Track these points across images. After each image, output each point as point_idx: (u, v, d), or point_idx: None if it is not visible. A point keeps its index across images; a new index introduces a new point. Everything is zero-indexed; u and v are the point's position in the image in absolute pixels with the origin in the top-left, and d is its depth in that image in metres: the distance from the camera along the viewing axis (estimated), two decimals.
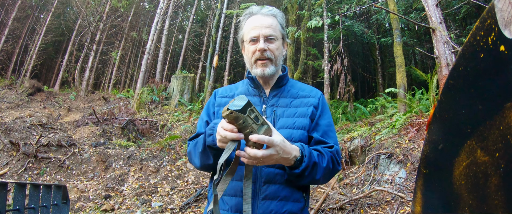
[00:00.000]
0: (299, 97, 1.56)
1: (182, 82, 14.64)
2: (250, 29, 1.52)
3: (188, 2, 26.81)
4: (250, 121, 1.10)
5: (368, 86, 23.29)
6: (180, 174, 7.20)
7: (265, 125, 1.14)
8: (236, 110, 1.07)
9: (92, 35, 21.01)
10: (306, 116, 1.49)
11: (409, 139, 5.78)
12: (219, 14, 16.03)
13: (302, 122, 1.47)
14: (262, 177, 1.39)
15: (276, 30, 1.52)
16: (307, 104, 1.53)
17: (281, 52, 1.56)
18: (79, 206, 6.03)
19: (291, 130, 1.44)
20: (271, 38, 1.50)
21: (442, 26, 6.03)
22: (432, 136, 1.08)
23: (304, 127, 1.46)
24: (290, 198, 1.38)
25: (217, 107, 1.60)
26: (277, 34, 1.52)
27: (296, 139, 1.42)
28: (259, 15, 1.53)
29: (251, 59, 1.53)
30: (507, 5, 0.75)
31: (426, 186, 1.09)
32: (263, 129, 1.13)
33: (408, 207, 4.14)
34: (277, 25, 1.53)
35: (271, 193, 1.36)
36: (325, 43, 11.40)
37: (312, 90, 1.62)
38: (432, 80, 7.08)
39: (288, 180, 1.37)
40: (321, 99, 1.59)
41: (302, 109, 1.51)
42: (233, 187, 1.40)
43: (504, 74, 0.73)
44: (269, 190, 1.37)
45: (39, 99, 16.27)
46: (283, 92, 1.58)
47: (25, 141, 7.76)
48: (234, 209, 1.38)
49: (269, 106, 1.53)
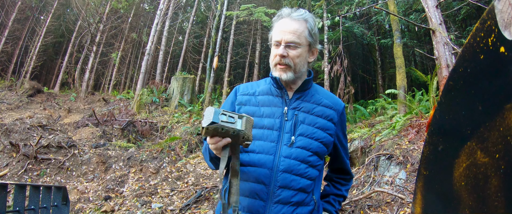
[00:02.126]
0: (322, 105, 1.54)
1: (182, 84, 14.65)
2: (276, 32, 1.50)
3: (188, 4, 26.82)
4: (227, 125, 1.14)
5: (368, 87, 23.30)
6: (180, 175, 7.19)
7: (242, 117, 1.19)
8: (209, 125, 1.12)
9: (92, 36, 21.01)
10: (325, 130, 1.50)
11: (409, 140, 5.77)
12: (219, 16, 16.04)
13: (321, 135, 1.48)
14: (277, 181, 1.40)
15: (301, 37, 1.46)
16: (327, 117, 1.52)
17: (304, 59, 1.51)
18: (79, 207, 6.02)
19: (311, 140, 1.45)
20: (293, 45, 1.46)
21: (442, 27, 6.03)
22: (432, 137, 1.08)
23: (322, 140, 1.47)
24: (302, 203, 1.42)
25: (238, 106, 1.59)
26: (301, 41, 1.47)
27: (314, 150, 1.45)
28: (288, 18, 1.49)
29: (272, 61, 1.53)
30: (507, 6, 0.75)
31: (426, 187, 1.09)
32: (242, 122, 1.18)
33: (408, 208, 4.13)
34: (303, 31, 1.47)
35: (284, 198, 1.39)
36: (325, 44, 11.42)
37: (336, 101, 1.59)
38: (432, 82, 7.08)
39: (302, 188, 1.42)
40: (342, 113, 1.60)
41: (323, 121, 1.51)
42: (247, 188, 1.43)
43: (504, 75, 0.73)
44: (283, 194, 1.39)
45: (39, 100, 16.26)
46: (307, 96, 1.55)
47: (25, 143, 7.75)
48: (247, 209, 1.42)
49: (291, 109, 1.51)
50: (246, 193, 1.42)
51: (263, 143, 1.45)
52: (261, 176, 1.41)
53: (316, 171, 1.47)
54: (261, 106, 1.54)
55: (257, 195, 1.39)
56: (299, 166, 1.41)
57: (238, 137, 1.18)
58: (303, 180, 1.41)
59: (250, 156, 1.45)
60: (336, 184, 1.71)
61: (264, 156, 1.43)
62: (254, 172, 1.42)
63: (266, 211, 1.38)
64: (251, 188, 1.41)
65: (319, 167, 1.49)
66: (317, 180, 1.51)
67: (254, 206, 1.39)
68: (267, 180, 1.39)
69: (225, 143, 1.19)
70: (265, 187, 1.39)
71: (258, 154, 1.44)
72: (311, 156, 1.44)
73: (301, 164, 1.41)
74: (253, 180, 1.42)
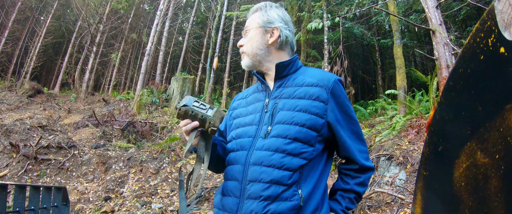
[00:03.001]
0: (305, 86, 1.38)
1: (182, 84, 14.65)
2: None
3: (188, 4, 26.84)
4: (197, 109, 1.28)
5: (368, 88, 23.28)
6: None
7: (213, 108, 1.31)
8: (181, 106, 1.28)
9: (92, 37, 21.02)
10: (308, 111, 1.31)
11: (409, 140, 5.77)
12: (219, 16, 16.06)
13: (302, 118, 1.30)
14: (247, 175, 1.32)
15: (252, 22, 1.49)
16: (311, 96, 1.33)
17: (257, 41, 1.46)
18: (79, 208, 6.02)
19: (288, 126, 1.31)
20: (246, 33, 1.50)
21: (442, 28, 6.03)
22: (432, 138, 1.08)
23: (304, 123, 1.30)
24: (277, 197, 1.25)
25: (231, 111, 1.62)
26: (250, 26, 1.48)
27: (292, 135, 1.29)
28: None
29: None
30: (507, 7, 0.75)
31: (426, 187, 1.09)
32: (212, 111, 1.29)
33: (408, 209, 4.13)
34: (255, 18, 1.49)
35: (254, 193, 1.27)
36: (325, 45, 11.42)
37: (323, 77, 1.39)
38: (432, 82, 7.09)
39: (275, 181, 1.26)
40: (333, 88, 1.36)
41: (305, 102, 1.33)
42: (226, 186, 1.41)
43: (504, 76, 0.73)
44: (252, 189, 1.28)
45: (39, 101, 16.27)
46: (289, 80, 1.44)
47: (25, 143, 7.75)
48: (224, 207, 1.37)
49: (272, 99, 1.41)
50: (224, 192, 1.39)
51: (242, 140, 1.41)
52: (235, 173, 1.36)
53: (300, 160, 1.28)
54: (248, 105, 1.52)
55: (231, 193, 1.35)
56: (271, 156, 1.28)
57: (204, 122, 1.27)
58: (277, 171, 1.26)
59: (230, 155, 1.43)
60: (343, 177, 1.43)
61: (240, 153, 1.38)
62: (230, 170, 1.40)
63: (239, 208, 1.30)
64: (227, 186, 1.38)
65: (306, 154, 1.29)
66: (305, 171, 1.30)
67: (229, 203, 1.34)
68: (240, 176, 1.34)
69: (193, 125, 1.27)
70: (239, 183, 1.33)
71: (235, 151, 1.41)
72: (290, 143, 1.28)
73: (274, 154, 1.28)
74: (229, 177, 1.39)
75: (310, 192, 1.28)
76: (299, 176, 1.28)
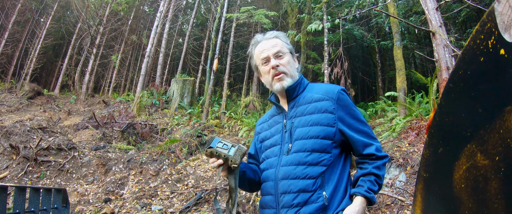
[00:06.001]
0: (314, 102, 1.59)
1: (182, 86, 14.66)
2: (259, 54, 1.67)
3: (188, 6, 26.87)
4: (220, 150, 1.48)
5: (368, 90, 23.30)
6: (180, 177, 7.18)
7: (235, 146, 1.52)
8: (207, 148, 1.50)
9: (92, 38, 21.05)
10: (320, 124, 1.53)
11: (409, 142, 5.77)
12: (219, 18, 16.06)
13: (315, 131, 1.52)
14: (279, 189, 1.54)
15: (282, 47, 1.65)
16: (321, 110, 1.55)
17: (293, 65, 1.67)
18: (79, 209, 6.01)
19: (305, 141, 1.52)
20: (279, 55, 1.63)
21: (442, 29, 6.04)
22: (432, 140, 1.08)
23: (318, 135, 1.51)
24: (306, 202, 1.46)
25: (256, 136, 1.86)
26: (283, 50, 1.65)
27: (309, 148, 1.50)
28: (264, 40, 1.69)
29: (268, 78, 1.66)
30: (507, 8, 0.75)
31: (426, 189, 1.09)
32: (234, 149, 1.49)
33: (408, 210, 4.13)
34: (282, 43, 1.67)
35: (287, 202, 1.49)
36: (325, 46, 11.42)
37: (328, 91, 1.60)
38: (432, 84, 7.09)
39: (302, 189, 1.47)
40: (338, 99, 1.56)
41: (316, 116, 1.55)
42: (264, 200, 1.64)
43: (504, 78, 0.73)
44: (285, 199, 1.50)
45: (39, 102, 16.27)
46: (300, 100, 1.64)
47: (25, 145, 7.75)
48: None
49: (289, 119, 1.63)
50: (263, 205, 1.63)
51: (269, 159, 1.64)
52: (269, 188, 1.59)
53: (320, 168, 1.48)
54: (271, 128, 1.73)
55: (269, 205, 1.58)
56: (294, 170, 1.50)
57: (227, 160, 1.48)
58: (302, 181, 1.47)
59: (263, 173, 1.67)
60: (361, 165, 1.56)
61: (270, 171, 1.61)
62: (265, 186, 1.63)
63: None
64: (265, 199, 1.62)
65: (325, 162, 1.49)
66: (326, 175, 1.48)
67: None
68: (273, 190, 1.56)
69: (219, 163, 1.48)
70: (273, 197, 1.56)
71: (266, 170, 1.64)
72: (309, 155, 1.50)
73: (297, 168, 1.50)
74: (265, 193, 1.63)
75: (333, 191, 1.48)
76: (321, 180, 1.48)
